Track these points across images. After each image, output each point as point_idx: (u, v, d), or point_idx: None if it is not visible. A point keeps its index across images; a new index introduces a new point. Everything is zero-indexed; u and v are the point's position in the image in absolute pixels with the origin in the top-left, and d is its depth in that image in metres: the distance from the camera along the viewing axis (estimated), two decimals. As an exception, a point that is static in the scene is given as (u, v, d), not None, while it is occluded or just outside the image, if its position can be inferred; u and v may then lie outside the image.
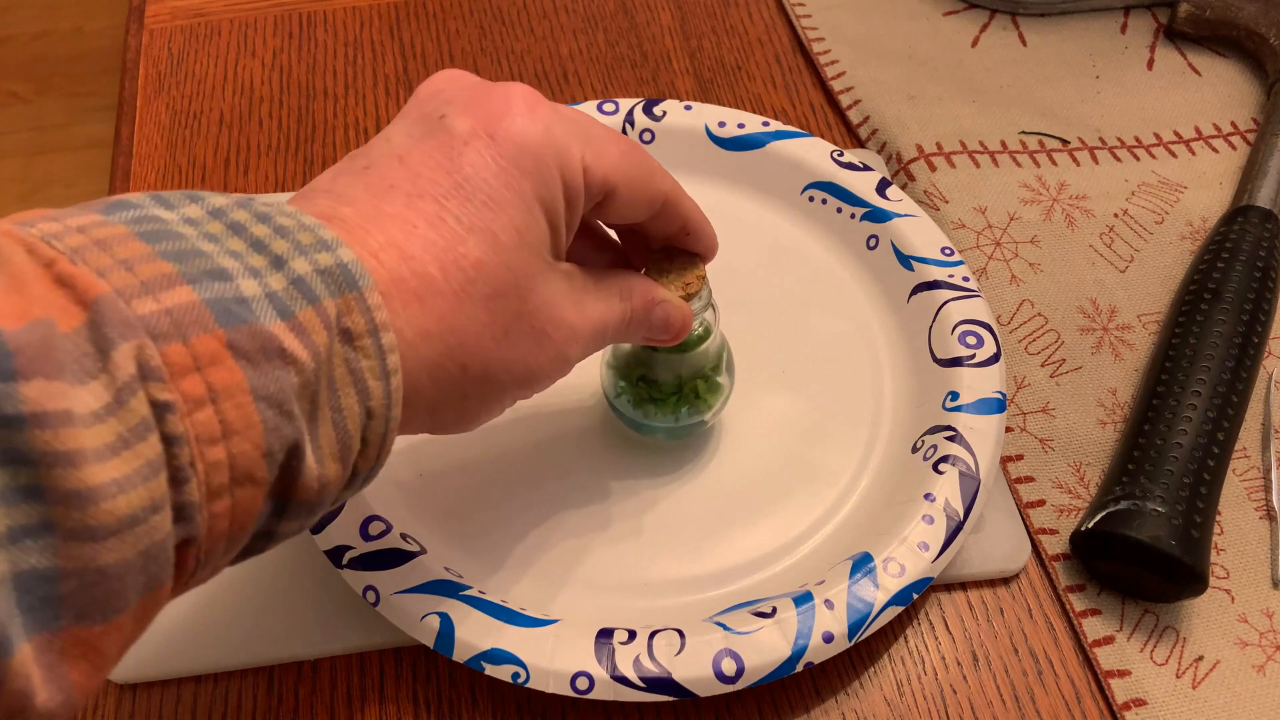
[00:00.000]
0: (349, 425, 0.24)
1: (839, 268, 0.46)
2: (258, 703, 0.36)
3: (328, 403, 0.23)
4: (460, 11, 0.60)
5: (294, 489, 0.23)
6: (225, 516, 0.22)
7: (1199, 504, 0.37)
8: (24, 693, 0.18)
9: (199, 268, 0.21)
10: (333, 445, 0.24)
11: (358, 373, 0.24)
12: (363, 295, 0.24)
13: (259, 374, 0.21)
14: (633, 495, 0.39)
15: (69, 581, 0.19)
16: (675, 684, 0.32)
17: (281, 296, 0.22)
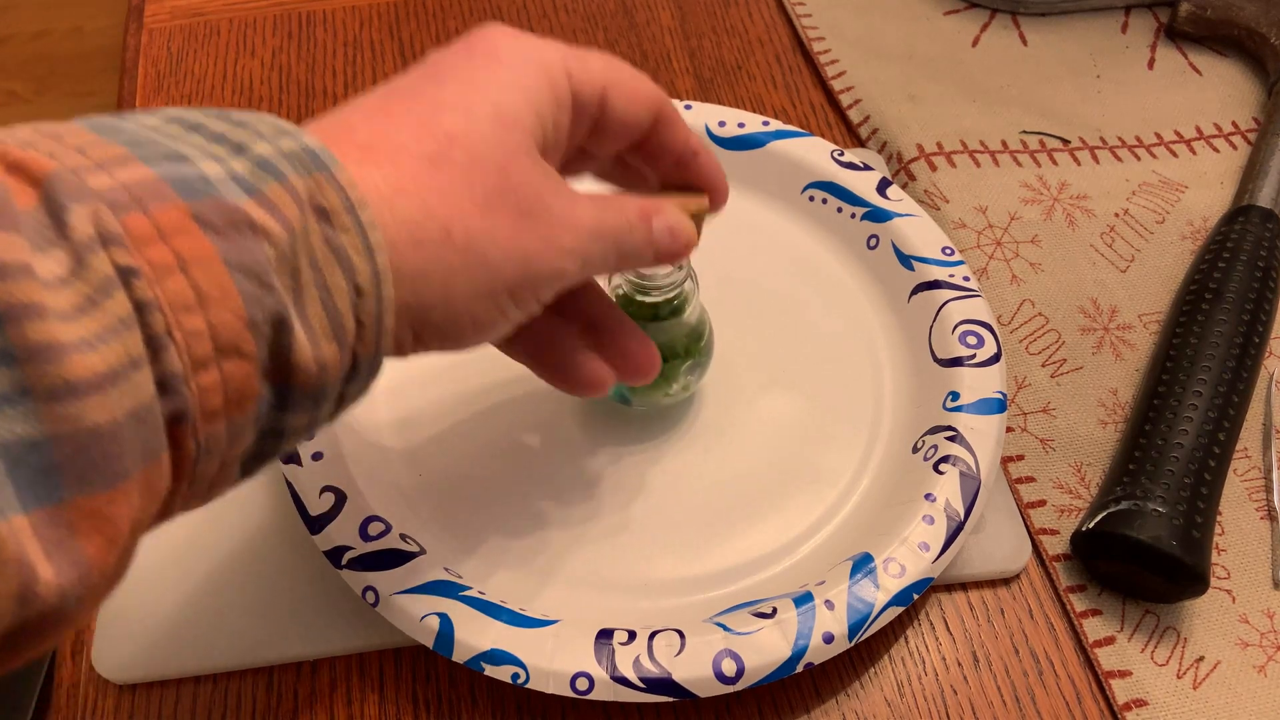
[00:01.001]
0: (338, 303, 0.23)
1: (839, 268, 0.46)
2: (258, 703, 0.36)
3: (312, 280, 0.23)
4: (460, 11, 0.60)
5: (291, 371, 0.22)
6: (216, 392, 0.21)
7: (1200, 504, 0.37)
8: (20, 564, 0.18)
9: (155, 152, 0.21)
10: (324, 324, 0.23)
11: (340, 250, 0.23)
12: (333, 175, 0.23)
13: (229, 244, 0.21)
14: (633, 496, 0.39)
15: (62, 447, 0.18)
16: (675, 684, 0.32)
17: (245, 176, 0.22)
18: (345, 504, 0.36)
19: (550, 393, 0.42)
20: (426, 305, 0.26)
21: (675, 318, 0.37)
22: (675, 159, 0.32)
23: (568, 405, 0.42)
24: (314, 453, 0.37)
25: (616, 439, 0.41)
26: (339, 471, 0.37)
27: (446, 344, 0.27)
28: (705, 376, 0.41)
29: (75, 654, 0.37)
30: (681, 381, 0.39)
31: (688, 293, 0.37)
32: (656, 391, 0.39)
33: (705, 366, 0.40)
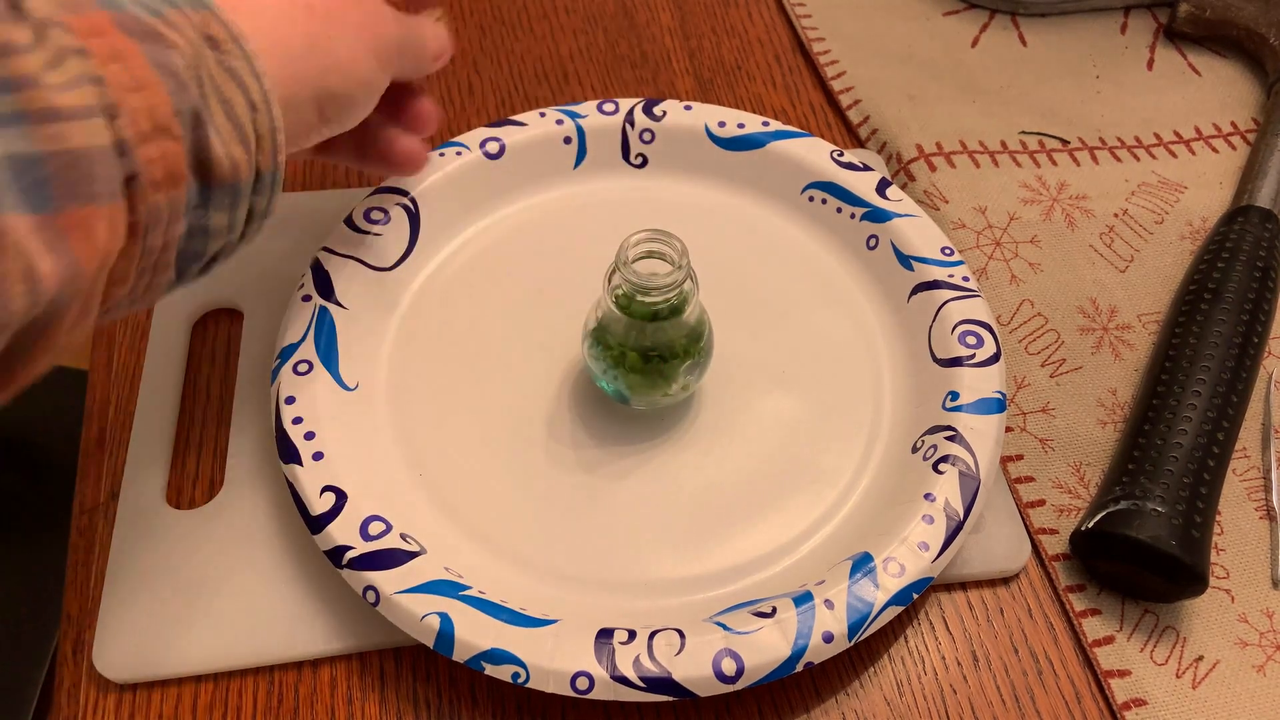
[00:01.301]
0: (239, 114, 0.28)
1: (839, 268, 0.46)
2: (258, 703, 0.36)
3: (214, 93, 0.27)
4: (460, 11, 0.60)
5: (209, 165, 0.27)
6: (158, 164, 0.25)
7: (1199, 504, 0.37)
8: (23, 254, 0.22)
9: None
10: (230, 131, 0.27)
11: (233, 70, 0.28)
12: (214, 13, 0.28)
13: (147, 47, 0.25)
14: (633, 495, 0.39)
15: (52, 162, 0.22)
16: (675, 684, 0.32)
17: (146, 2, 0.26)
18: (346, 504, 0.36)
19: (551, 393, 0.42)
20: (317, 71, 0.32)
21: (675, 317, 0.37)
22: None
23: (568, 405, 0.42)
24: (315, 453, 0.37)
25: (616, 439, 0.41)
26: (340, 471, 0.37)
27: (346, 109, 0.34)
28: (705, 376, 0.41)
29: (76, 654, 0.37)
30: (681, 381, 0.39)
31: (687, 293, 0.37)
32: (656, 391, 0.39)
33: (705, 366, 0.40)
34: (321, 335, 0.40)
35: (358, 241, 0.43)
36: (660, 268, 0.37)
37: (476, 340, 0.44)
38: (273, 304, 0.44)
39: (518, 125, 0.47)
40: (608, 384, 0.40)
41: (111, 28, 0.24)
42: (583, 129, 0.48)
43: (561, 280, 0.45)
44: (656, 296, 0.36)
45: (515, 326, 0.44)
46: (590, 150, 0.48)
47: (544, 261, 0.46)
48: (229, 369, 0.43)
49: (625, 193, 0.49)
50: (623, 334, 0.38)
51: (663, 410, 0.42)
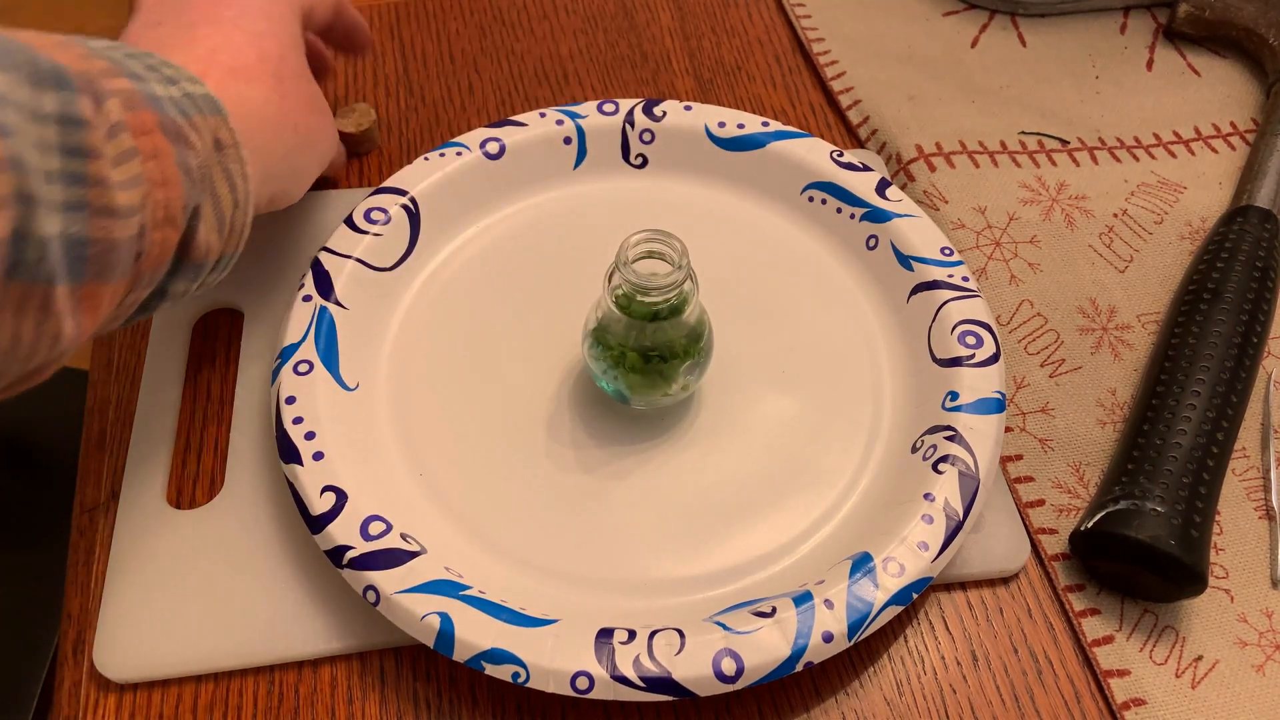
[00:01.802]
0: (224, 209, 0.33)
1: (839, 268, 0.46)
2: (258, 703, 0.36)
3: (209, 191, 0.32)
4: (460, 11, 0.60)
5: (191, 246, 0.32)
6: (158, 246, 0.30)
7: (1198, 504, 0.37)
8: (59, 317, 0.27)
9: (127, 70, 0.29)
10: (214, 221, 0.32)
11: (229, 172, 0.33)
12: (225, 120, 0.33)
13: (178, 149, 0.30)
14: (633, 495, 0.39)
15: (95, 246, 0.27)
16: (675, 684, 0.33)
17: (180, 102, 0.31)
18: (346, 504, 0.36)
19: (551, 393, 0.42)
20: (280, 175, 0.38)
21: (675, 317, 0.37)
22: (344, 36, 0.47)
23: (568, 405, 0.42)
24: (315, 453, 0.37)
25: (617, 439, 0.41)
26: (340, 471, 0.37)
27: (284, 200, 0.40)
28: (705, 376, 0.41)
29: (76, 653, 0.37)
30: (681, 381, 0.39)
31: (687, 293, 0.37)
32: (656, 391, 0.39)
33: (705, 366, 0.40)
34: (321, 335, 0.40)
35: (358, 241, 0.43)
36: (660, 268, 0.37)
37: (476, 340, 0.44)
38: (273, 304, 0.44)
39: (518, 125, 0.47)
40: (608, 384, 0.40)
41: (155, 128, 0.29)
42: (583, 129, 0.48)
43: (561, 280, 0.45)
44: (656, 296, 0.36)
45: (515, 326, 0.44)
46: (590, 150, 0.48)
47: (544, 261, 0.46)
48: (229, 369, 0.43)
49: (625, 193, 0.49)
50: (623, 334, 0.38)
51: (663, 410, 0.42)
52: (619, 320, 0.37)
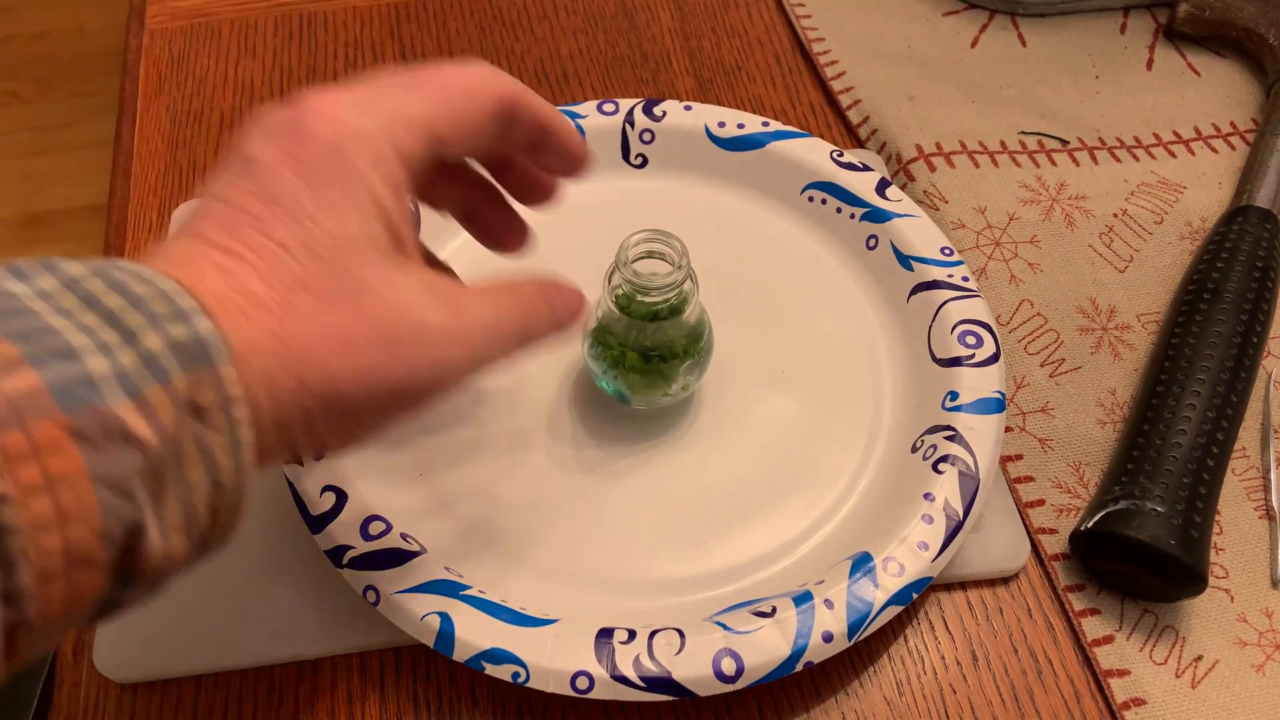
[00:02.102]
0: (196, 501, 0.24)
1: (839, 268, 0.46)
2: (258, 703, 0.36)
3: (174, 479, 0.23)
4: (460, 11, 0.60)
5: (137, 566, 0.23)
6: (60, 600, 0.21)
7: (1198, 504, 0.37)
8: None
9: (46, 347, 0.21)
10: (179, 520, 0.23)
11: (207, 450, 0.23)
12: (214, 369, 0.23)
13: (100, 456, 0.21)
14: (633, 495, 0.39)
15: None
16: (675, 684, 0.33)
17: (130, 375, 0.22)
18: (346, 503, 0.36)
19: (551, 392, 0.42)
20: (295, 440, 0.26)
21: (675, 317, 0.37)
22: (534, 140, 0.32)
23: (568, 405, 0.42)
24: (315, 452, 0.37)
25: (617, 439, 0.41)
26: (340, 471, 0.37)
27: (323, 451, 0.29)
28: (705, 376, 0.41)
29: (76, 653, 0.37)
30: (681, 381, 0.39)
31: (687, 293, 0.37)
32: (656, 391, 0.39)
33: (705, 366, 0.40)
34: (322, 335, 0.40)
35: (358, 242, 0.43)
36: (660, 268, 0.37)
37: (476, 340, 0.44)
38: (273, 304, 0.44)
39: (518, 125, 0.47)
40: (608, 384, 0.40)
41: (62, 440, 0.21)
42: (582, 129, 0.48)
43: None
44: (656, 296, 0.36)
45: (515, 326, 0.44)
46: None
47: (544, 261, 0.46)
48: (229, 369, 0.43)
49: (625, 193, 0.49)
50: (623, 334, 0.38)
51: (663, 410, 0.42)
52: (619, 320, 0.37)
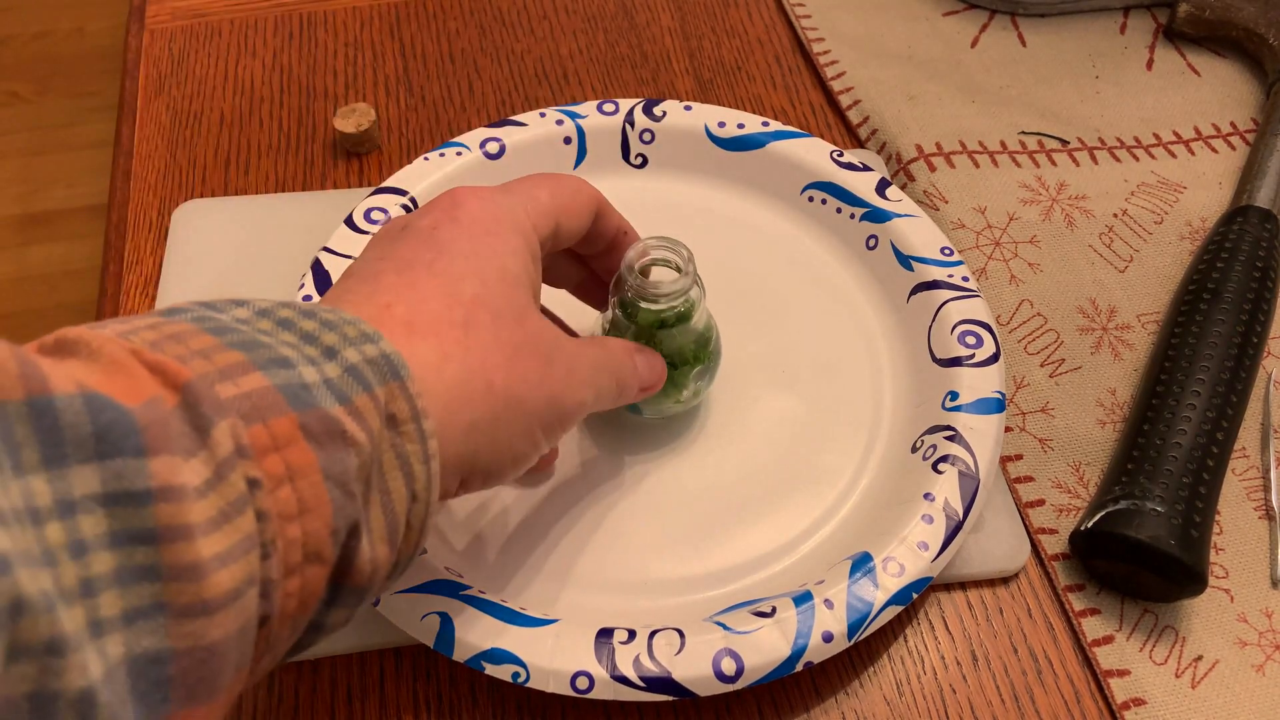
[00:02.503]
0: (396, 508, 0.25)
1: (839, 268, 0.46)
2: (258, 703, 0.36)
3: (378, 486, 0.24)
4: (460, 11, 0.60)
5: (350, 572, 0.24)
6: (295, 596, 0.22)
7: (1198, 504, 0.37)
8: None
9: (264, 356, 0.23)
10: (382, 528, 0.25)
11: (404, 457, 0.25)
12: (404, 384, 0.25)
13: (326, 455, 0.23)
14: (633, 495, 0.39)
15: (180, 661, 0.19)
16: (675, 684, 0.33)
17: (338, 384, 0.24)
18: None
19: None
20: (474, 451, 0.28)
21: (682, 324, 0.37)
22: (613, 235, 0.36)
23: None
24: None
25: (617, 439, 0.41)
26: (340, 471, 0.37)
27: (488, 482, 0.30)
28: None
29: (77, 653, 0.37)
30: (692, 388, 0.39)
31: (694, 299, 0.37)
32: (667, 399, 0.39)
33: (714, 371, 0.40)
34: (322, 335, 0.40)
35: (358, 241, 0.43)
36: (667, 275, 0.37)
37: (476, 340, 0.44)
38: (273, 304, 0.44)
39: (518, 125, 0.48)
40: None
41: (297, 436, 0.22)
42: (583, 129, 0.48)
43: (561, 280, 0.45)
44: (663, 304, 0.36)
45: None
46: (590, 150, 0.48)
47: (544, 261, 0.46)
48: (229, 369, 0.43)
49: (625, 193, 0.49)
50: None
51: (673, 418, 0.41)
52: (626, 329, 0.37)
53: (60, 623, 0.17)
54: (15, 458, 0.18)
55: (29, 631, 0.17)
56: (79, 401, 0.19)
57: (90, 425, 0.19)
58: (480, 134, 0.47)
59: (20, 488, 0.18)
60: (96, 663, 0.18)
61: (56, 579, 0.18)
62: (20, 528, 0.17)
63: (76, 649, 0.17)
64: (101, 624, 0.18)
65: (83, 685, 0.17)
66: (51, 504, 0.18)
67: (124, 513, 0.19)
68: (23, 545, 0.17)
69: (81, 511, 0.19)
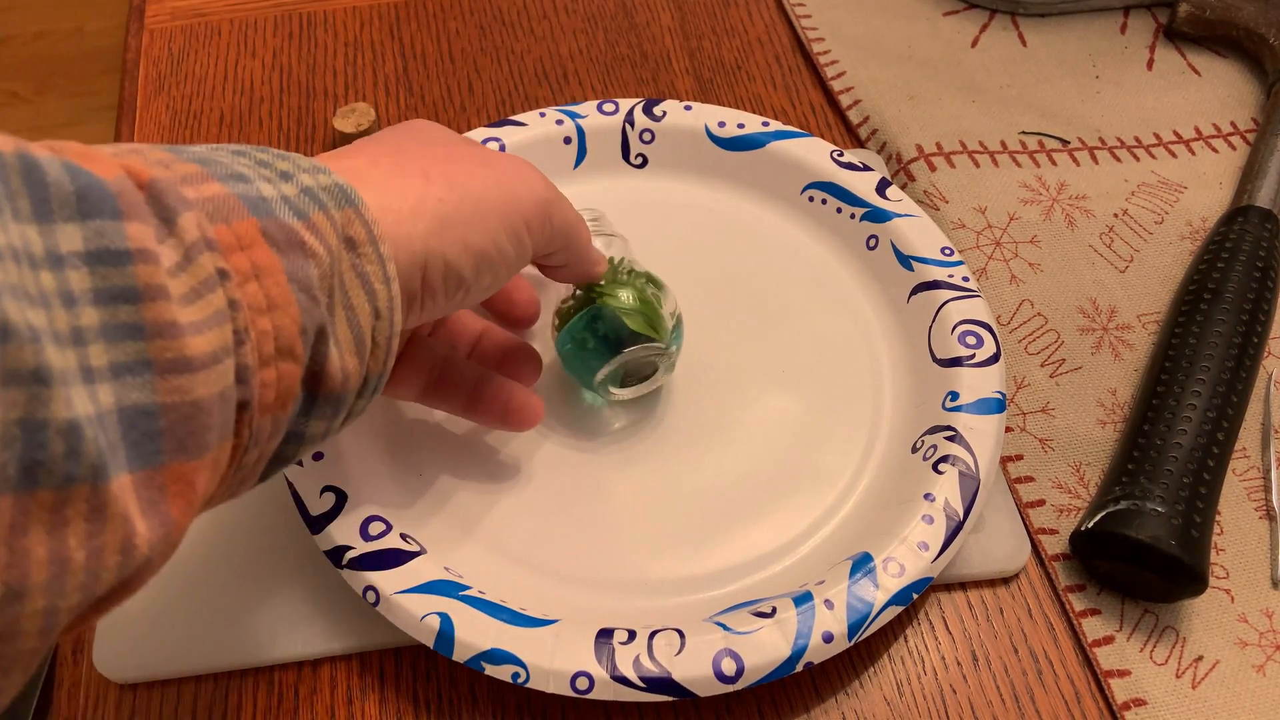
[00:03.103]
0: (361, 322, 0.26)
1: (839, 268, 0.46)
2: (258, 703, 0.36)
3: (341, 301, 0.26)
4: (460, 11, 0.60)
5: (322, 378, 0.25)
6: (272, 388, 0.24)
7: (1199, 504, 0.37)
8: (125, 519, 0.20)
9: (222, 171, 0.24)
10: (349, 340, 0.26)
11: (365, 276, 0.26)
12: (359, 210, 0.26)
13: (289, 260, 0.24)
14: (633, 495, 0.39)
15: (169, 414, 0.21)
16: (675, 684, 0.32)
17: (295, 201, 0.25)
18: (345, 504, 0.36)
19: (550, 392, 0.42)
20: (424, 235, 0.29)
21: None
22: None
23: (567, 406, 0.42)
24: (314, 453, 0.37)
25: (617, 439, 0.41)
26: (339, 471, 0.37)
27: (451, 283, 0.30)
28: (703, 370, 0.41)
29: (76, 654, 0.37)
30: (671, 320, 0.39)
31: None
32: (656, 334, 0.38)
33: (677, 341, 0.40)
34: (321, 335, 0.40)
35: (358, 241, 0.43)
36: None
37: (476, 340, 0.44)
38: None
39: (518, 125, 0.47)
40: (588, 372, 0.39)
41: (259, 239, 0.23)
42: (583, 129, 0.48)
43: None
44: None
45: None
46: (590, 150, 0.48)
47: (544, 261, 0.46)
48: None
49: (625, 193, 0.49)
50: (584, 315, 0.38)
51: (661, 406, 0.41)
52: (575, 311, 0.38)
53: (46, 354, 0.18)
54: (14, 204, 0.19)
55: (14, 358, 0.18)
56: (58, 163, 0.20)
57: (71, 185, 0.20)
58: (480, 134, 0.47)
59: (19, 232, 0.19)
60: (85, 402, 0.19)
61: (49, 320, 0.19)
62: (16, 265, 0.18)
63: (63, 383, 0.18)
64: (91, 372, 0.19)
65: (69, 416, 0.18)
66: (43, 254, 0.19)
67: (106, 271, 0.20)
68: (15, 280, 0.18)
69: (69, 267, 0.19)
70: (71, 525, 0.19)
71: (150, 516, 0.21)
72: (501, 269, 0.31)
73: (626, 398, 0.41)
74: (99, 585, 0.20)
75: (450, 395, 0.37)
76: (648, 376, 0.40)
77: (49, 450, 0.18)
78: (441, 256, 0.29)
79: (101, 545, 0.19)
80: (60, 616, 0.19)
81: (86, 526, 0.19)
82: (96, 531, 0.19)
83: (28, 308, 0.18)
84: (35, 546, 0.18)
